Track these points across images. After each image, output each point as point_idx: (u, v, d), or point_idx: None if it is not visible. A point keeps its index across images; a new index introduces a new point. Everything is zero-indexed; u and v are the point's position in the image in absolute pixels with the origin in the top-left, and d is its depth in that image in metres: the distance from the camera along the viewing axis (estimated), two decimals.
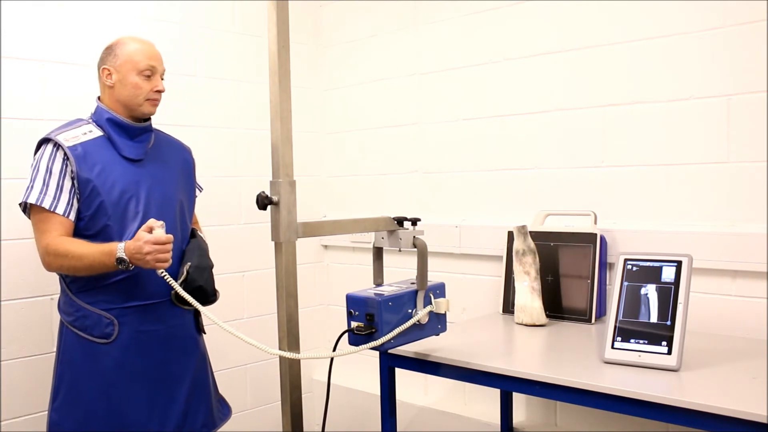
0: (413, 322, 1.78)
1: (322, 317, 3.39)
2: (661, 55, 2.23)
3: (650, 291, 1.77)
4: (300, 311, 1.68)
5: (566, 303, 2.30)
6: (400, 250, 1.90)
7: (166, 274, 1.85)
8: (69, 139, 1.97)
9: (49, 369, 2.17)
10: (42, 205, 1.92)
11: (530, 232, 2.32)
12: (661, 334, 1.71)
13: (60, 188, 1.94)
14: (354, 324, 1.77)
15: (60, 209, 1.93)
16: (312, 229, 1.73)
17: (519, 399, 2.55)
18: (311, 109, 3.33)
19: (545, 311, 2.25)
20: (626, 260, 1.83)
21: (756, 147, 2.06)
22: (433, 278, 1.90)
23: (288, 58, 1.60)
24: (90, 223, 1.97)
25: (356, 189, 3.24)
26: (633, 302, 1.78)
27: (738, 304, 2.08)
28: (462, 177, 2.79)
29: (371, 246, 1.93)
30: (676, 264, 1.76)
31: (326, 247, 3.39)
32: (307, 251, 3.29)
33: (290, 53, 1.61)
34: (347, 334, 1.79)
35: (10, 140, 2.35)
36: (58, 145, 1.96)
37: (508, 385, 1.79)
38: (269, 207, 1.61)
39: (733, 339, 2.01)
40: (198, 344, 2.20)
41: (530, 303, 2.24)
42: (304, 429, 1.69)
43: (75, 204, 1.96)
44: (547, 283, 2.34)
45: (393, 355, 1.95)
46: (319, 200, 3.38)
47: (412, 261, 1.88)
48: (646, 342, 1.72)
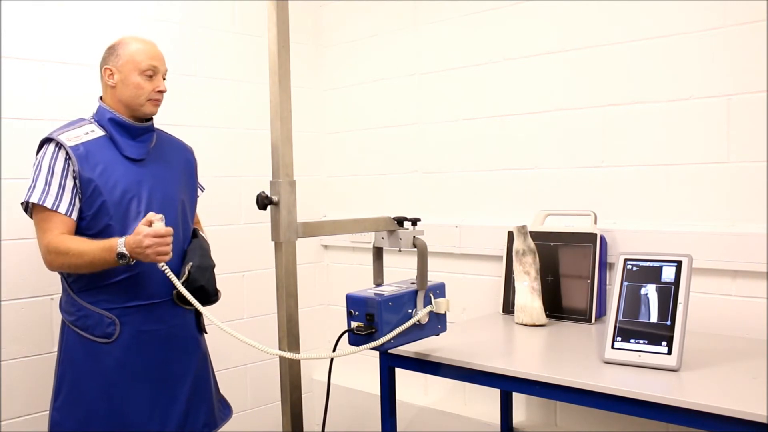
0: (413, 322, 1.78)
1: (322, 317, 3.39)
2: (661, 55, 2.23)
3: (650, 291, 1.77)
4: (300, 311, 1.68)
5: (566, 303, 2.30)
6: (400, 250, 1.90)
7: (167, 268, 1.84)
8: (71, 139, 1.97)
9: (49, 369, 2.17)
10: (44, 205, 1.92)
11: (530, 232, 2.32)
12: (661, 334, 1.71)
13: (62, 187, 1.94)
14: (354, 324, 1.77)
15: (62, 208, 1.93)
16: (312, 229, 1.73)
17: (519, 399, 2.55)
18: (311, 109, 3.33)
19: (545, 311, 2.25)
20: (626, 260, 1.83)
21: (756, 147, 2.06)
22: (433, 278, 1.90)
23: (288, 58, 1.60)
24: (92, 223, 1.97)
25: (356, 189, 3.24)
26: (633, 302, 1.78)
27: (738, 304, 2.08)
28: (462, 177, 2.79)
29: (371, 246, 1.93)
30: (676, 264, 1.76)
31: (326, 247, 3.39)
32: (307, 251, 3.29)
33: (290, 53, 1.61)
34: (347, 334, 1.79)
35: (10, 140, 2.35)
36: (60, 145, 1.96)
37: (508, 385, 1.79)
38: (269, 207, 1.61)
39: (733, 339, 2.01)
40: (199, 344, 2.20)
41: (530, 303, 2.24)
42: (304, 429, 1.69)
43: (77, 203, 1.96)
44: (547, 283, 2.34)
45: (393, 355, 1.95)
46: (319, 200, 3.38)
47: (412, 261, 1.88)
48: (646, 342, 1.72)
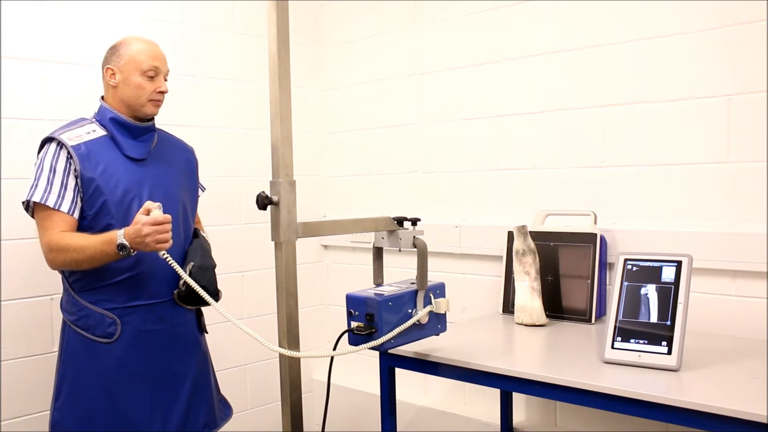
0: (413, 322, 1.78)
1: (322, 317, 3.39)
2: (661, 55, 2.23)
3: (650, 291, 1.77)
4: (300, 311, 1.68)
5: (566, 303, 2.30)
6: (400, 250, 1.90)
7: (168, 256, 1.84)
8: (72, 138, 1.97)
9: (50, 369, 2.17)
10: (46, 204, 1.92)
11: (530, 232, 2.32)
12: (661, 334, 1.71)
13: (64, 186, 1.94)
14: (354, 324, 1.77)
15: (64, 207, 1.93)
16: (312, 229, 1.73)
17: (519, 399, 2.55)
18: (311, 109, 3.33)
19: (545, 311, 2.25)
20: (626, 260, 1.83)
21: (756, 147, 2.06)
22: (433, 278, 1.90)
23: (288, 58, 1.60)
24: (93, 222, 1.97)
25: (356, 189, 3.24)
26: (633, 302, 1.78)
27: (738, 304, 2.08)
28: (462, 177, 2.79)
29: (371, 246, 1.93)
30: (676, 264, 1.76)
31: (326, 247, 3.39)
32: (307, 251, 3.29)
33: (290, 53, 1.61)
34: (347, 334, 1.79)
35: (10, 140, 2.35)
36: (62, 144, 1.96)
37: (508, 385, 1.79)
38: (269, 207, 1.61)
39: (733, 339, 2.01)
40: (200, 344, 2.20)
41: (530, 303, 2.24)
42: (304, 429, 1.69)
43: (79, 202, 1.96)
44: (547, 283, 2.34)
45: (393, 355, 1.95)
46: (319, 200, 3.38)
47: (412, 261, 1.88)
48: (646, 342, 1.72)
